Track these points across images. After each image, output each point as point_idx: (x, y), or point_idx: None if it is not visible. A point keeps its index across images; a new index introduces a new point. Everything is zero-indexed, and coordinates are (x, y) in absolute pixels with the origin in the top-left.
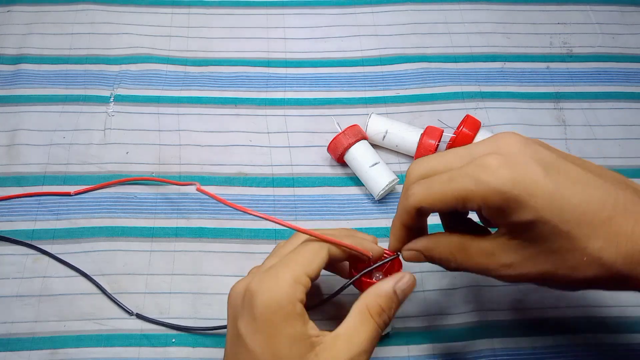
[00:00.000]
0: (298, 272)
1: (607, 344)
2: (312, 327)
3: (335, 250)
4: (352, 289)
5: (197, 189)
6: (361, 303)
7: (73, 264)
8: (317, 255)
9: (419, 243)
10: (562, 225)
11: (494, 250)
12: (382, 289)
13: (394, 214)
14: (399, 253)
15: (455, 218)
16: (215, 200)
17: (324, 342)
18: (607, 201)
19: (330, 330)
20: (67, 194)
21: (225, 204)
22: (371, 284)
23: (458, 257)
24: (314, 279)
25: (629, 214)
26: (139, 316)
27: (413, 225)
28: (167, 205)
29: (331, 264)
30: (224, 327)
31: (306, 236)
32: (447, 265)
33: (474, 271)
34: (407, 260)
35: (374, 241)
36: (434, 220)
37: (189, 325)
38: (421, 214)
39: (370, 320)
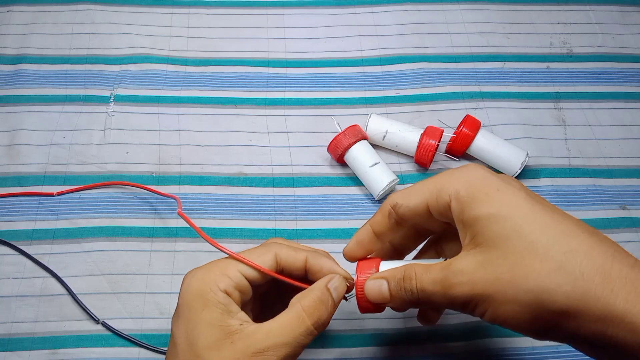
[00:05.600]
0: (229, 267)
1: None
2: (237, 318)
3: (285, 257)
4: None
5: (178, 213)
6: (294, 299)
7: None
8: (260, 255)
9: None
10: (526, 225)
11: (449, 262)
12: (315, 286)
13: None
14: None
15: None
16: (215, 201)
17: (243, 331)
18: (578, 233)
19: None
20: (50, 195)
21: (206, 240)
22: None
23: (414, 280)
24: (253, 278)
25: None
26: (104, 325)
27: (381, 232)
28: (167, 205)
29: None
30: None
31: (281, 247)
32: (406, 296)
33: (429, 299)
34: (370, 296)
35: (346, 275)
36: None
37: None
38: (396, 220)
39: (300, 314)
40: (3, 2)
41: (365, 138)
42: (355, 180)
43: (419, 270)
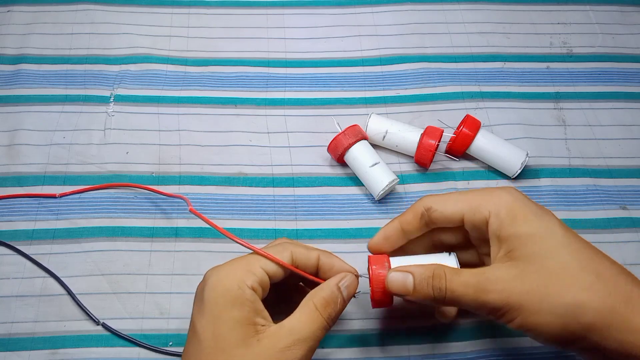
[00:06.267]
0: (253, 263)
1: None
2: (262, 317)
3: (301, 256)
4: None
5: (190, 210)
6: (307, 297)
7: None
8: (278, 253)
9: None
10: (561, 248)
11: (483, 270)
12: (327, 284)
13: (397, 214)
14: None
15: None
16: (215, 201)
17: (268, 330)
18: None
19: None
20: (53, 196)
21: (226, 235)
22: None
23: (444, 280)
24: (274, 275)
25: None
26: (104, 326)
27: (408, 231)
28: (167, 205)
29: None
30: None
31: (287, 245)
32: (433, 293)
33: (457, 299)
34: (391, 286)
35: (353, 271)
36: None
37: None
38: (426, 222)
39: (314, 311)
40: (3, 2)
41: (365, 138)
42: (355, 180)
43: (449, 272)
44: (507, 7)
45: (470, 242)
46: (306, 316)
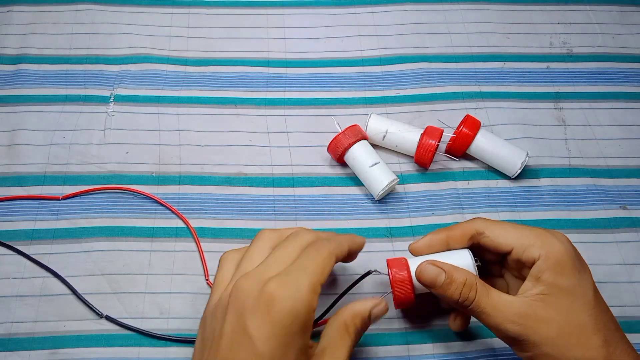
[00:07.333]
0: (315, 281)
1: None
2: (310, 337)
3: (341, 255)
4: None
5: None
6: (340, 320)
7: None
8: (329, 263)
9: (445, 265)
10: (588, 309)
11: (512, 301)
12: (360, 310)
13: (397, 214)
14: (372, 271)
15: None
16: (215, 201)
17: (315, 354)
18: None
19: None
20: (56, 199)
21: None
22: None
23: (474, 292)
24: (324, 287)
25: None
26: (108, 318)
27: (453, 245)
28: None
29: None
30: (192, 340)
31: (301, 234)
32: (459, 298)
33: (479, 314)
34: (421, 275)
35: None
36: None
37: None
38: (473, 243)
39: (347, 337)
40: (3, 2)
41: (365, 138)
42: (355, 180)
43: (481, 287)
44: (507, 7)
45: (495, 259)
46: (342, 340)
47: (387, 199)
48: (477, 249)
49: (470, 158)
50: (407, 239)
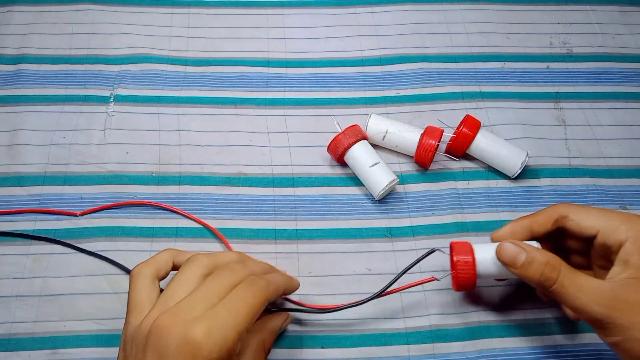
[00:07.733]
0: (243, 329)
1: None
2: None
3: (273, 299)
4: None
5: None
6: (259, 340)
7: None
8: (260, 307)
9: (529, 247)
10: None
11: (600, 284)
12: (275, 327)
13: (397, 214)
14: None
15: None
16: (215, 201)
17: None
18: None
19: None
20: (74, 215)
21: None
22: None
23: (557, 272)
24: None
25: None
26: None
27: (538, 231)
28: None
29: None
30: None
31: (237, 266)
32: (541, 278)
33: (563, 295)
34: (501, 254)
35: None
36: None
37: None
38: (557, 228)
39: (264, 354)
40: (3, 2)
41: (365, 138)
42: (355, 180)
43: (565, 268)
44: (507, 7)
45: (580, 247)
46: (259, 357)
47: (387, 199)
48: (562, 238)
49: (470, 158)
50: (407, 239)
